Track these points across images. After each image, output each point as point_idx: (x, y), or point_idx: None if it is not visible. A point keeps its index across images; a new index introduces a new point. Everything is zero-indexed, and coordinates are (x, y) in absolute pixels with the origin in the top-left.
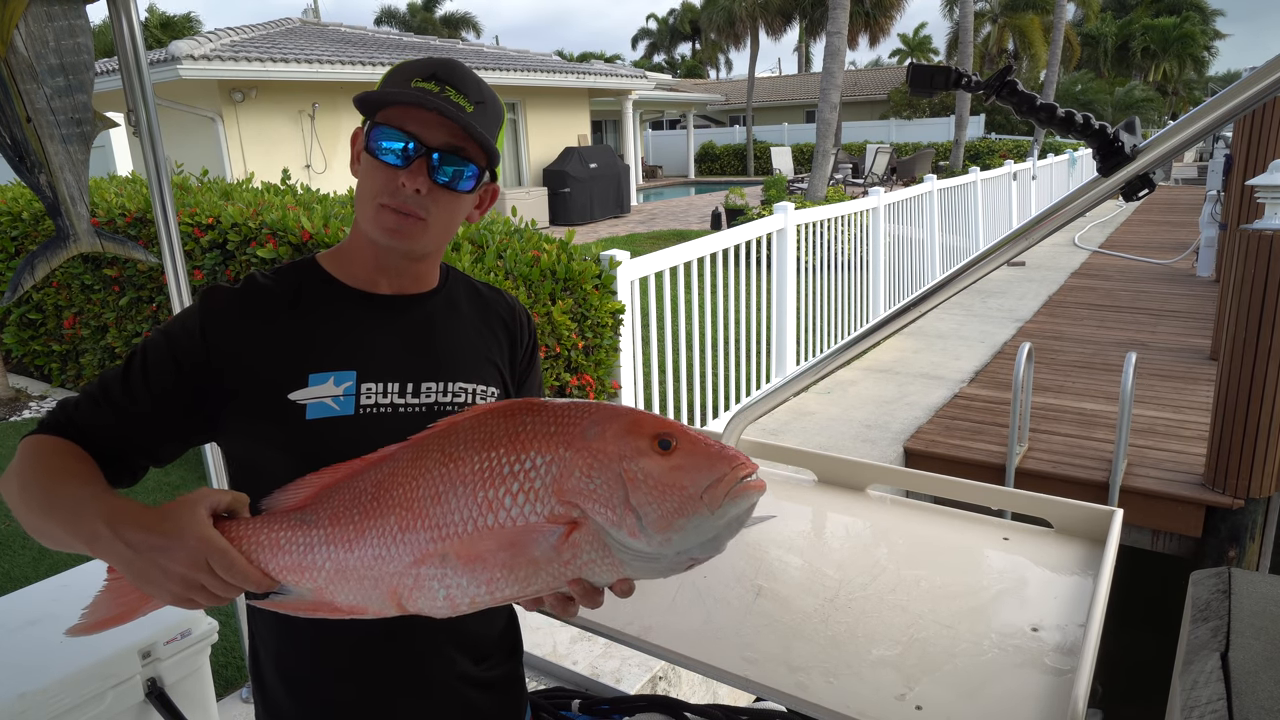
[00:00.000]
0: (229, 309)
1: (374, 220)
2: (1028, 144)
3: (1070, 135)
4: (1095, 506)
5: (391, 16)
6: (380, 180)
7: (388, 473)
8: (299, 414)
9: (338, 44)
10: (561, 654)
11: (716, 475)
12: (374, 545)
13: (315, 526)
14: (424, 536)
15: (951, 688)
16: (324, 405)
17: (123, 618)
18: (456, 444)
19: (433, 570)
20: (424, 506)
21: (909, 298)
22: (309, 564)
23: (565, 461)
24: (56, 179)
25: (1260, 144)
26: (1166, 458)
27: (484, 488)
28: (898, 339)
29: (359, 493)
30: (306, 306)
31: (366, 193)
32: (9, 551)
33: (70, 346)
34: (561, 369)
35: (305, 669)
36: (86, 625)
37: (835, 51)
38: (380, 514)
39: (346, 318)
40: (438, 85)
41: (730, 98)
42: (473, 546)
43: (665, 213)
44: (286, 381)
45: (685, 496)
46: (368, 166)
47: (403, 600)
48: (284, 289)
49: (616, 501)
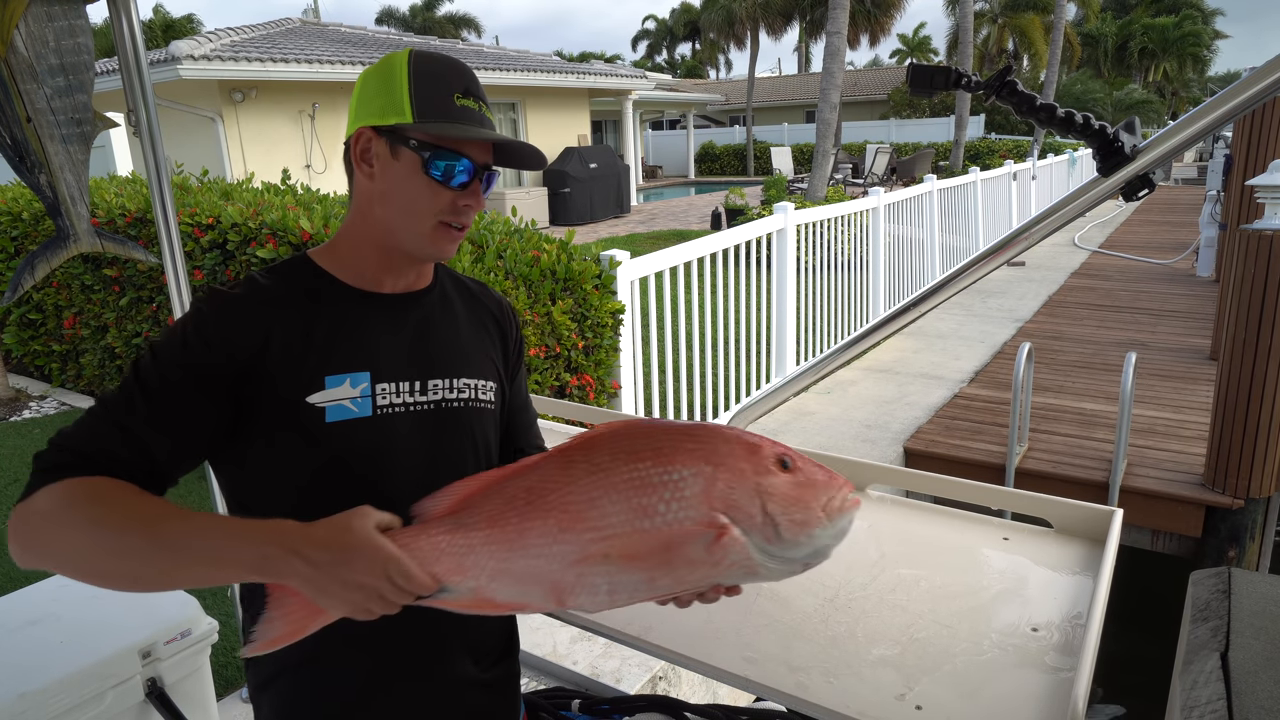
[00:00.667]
0: (238, 314)
1: (430, 238)
2: (1028, 144)
3: (1070, 135)
4: (1095, 506)
5: (391, 16)
6: (444, 201)
7: (537, 479)
8: (319, 417)
9: (338, 44)
10: (561, 654)
11: (832, 492)
12: (536, 546)
13: (473, 530)
14: (585, 538)
15: (951, 688)
16: (343, 408)
17: (296, 633)
18: (602, 455)
19: (595, 568)
20: (582, 510)
21: (909, 298)
22: (470, 565)
23: (709, 475)
24: (56, 179)
25: (1260, 144)
26: (1166, 458)
27: (639, 495)
28: (898, 339)
29: (511, 498)
30: (315, 308)
31: (419, 210)
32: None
33: (70, 346)
34: (561, 369)
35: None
36: (261, 645)
37: (835, 51)
38: (539, 517)
39: (353, 318)
40: (475, 102)
41: (730, 98)
42: (633, 546)
43: (665, 213)
44: (304, 385)
45: (810, 509)
46: (419, 185)
47: (564, 596)
48: (289, 291)
49: (756, 512)
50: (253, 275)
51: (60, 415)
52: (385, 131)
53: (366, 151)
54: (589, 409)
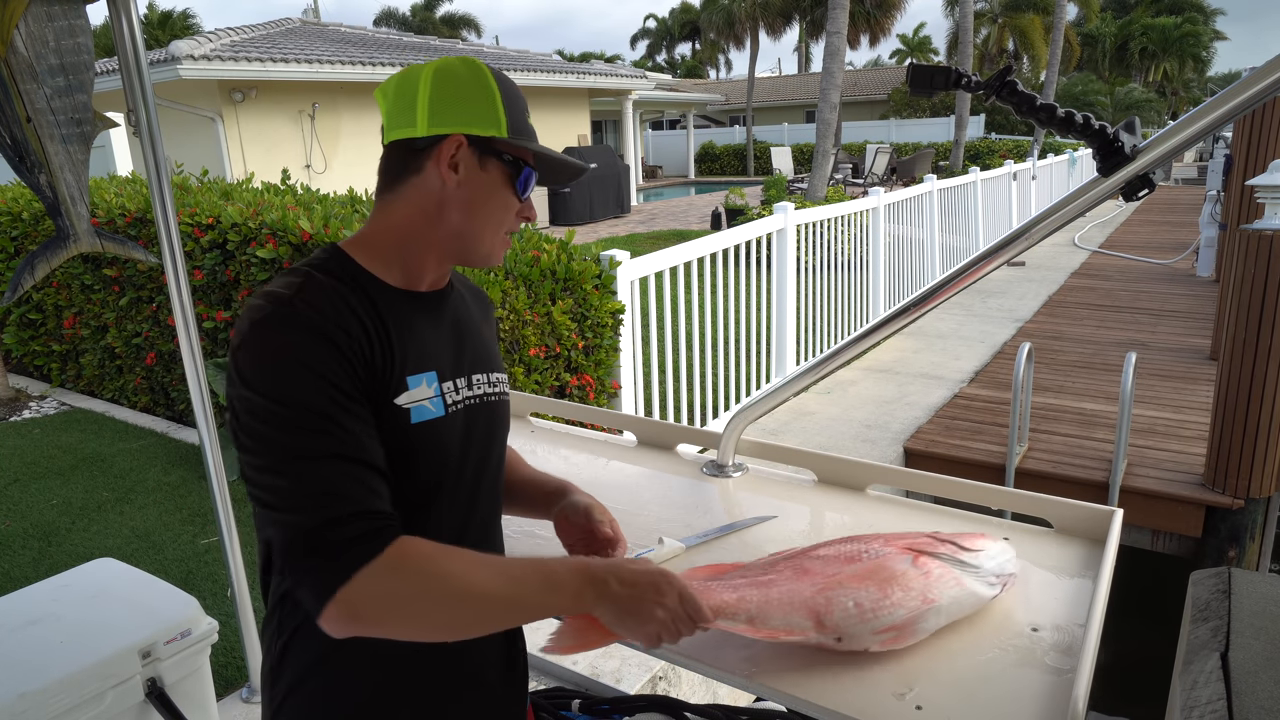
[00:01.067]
0: (338, 315)
1: (501, 245)
2: (1028, 144)
3: (1070, 135)
4: (1095, 506)
5: (391, 16)
6: (515, 214)
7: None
8: (405, 419)
9: (338, 44)
10: None
11: None
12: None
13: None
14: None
15: (951, 688)
16: (423, 408)
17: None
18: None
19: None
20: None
21: (909, 298)
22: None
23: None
24: (56, 179)
25: (1260, 144)
26: (1166, 458)
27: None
28: (898, 339)
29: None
30: (378, 307)
31: (501, 220)
32: (9, 551)
33: (70, 346)
34: (561, 369)
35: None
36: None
37: (835, 51)
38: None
39: (408, 316)
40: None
41: (730, 98)
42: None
43: (665, 213)
44: (392, 387)
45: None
46: (507, 198)
47: (821, 616)
48: (351, 290)
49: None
50: (309, 274)
51: (60, 415)
52: (477, 141)
53: (453, 156)
54: (589, 409)
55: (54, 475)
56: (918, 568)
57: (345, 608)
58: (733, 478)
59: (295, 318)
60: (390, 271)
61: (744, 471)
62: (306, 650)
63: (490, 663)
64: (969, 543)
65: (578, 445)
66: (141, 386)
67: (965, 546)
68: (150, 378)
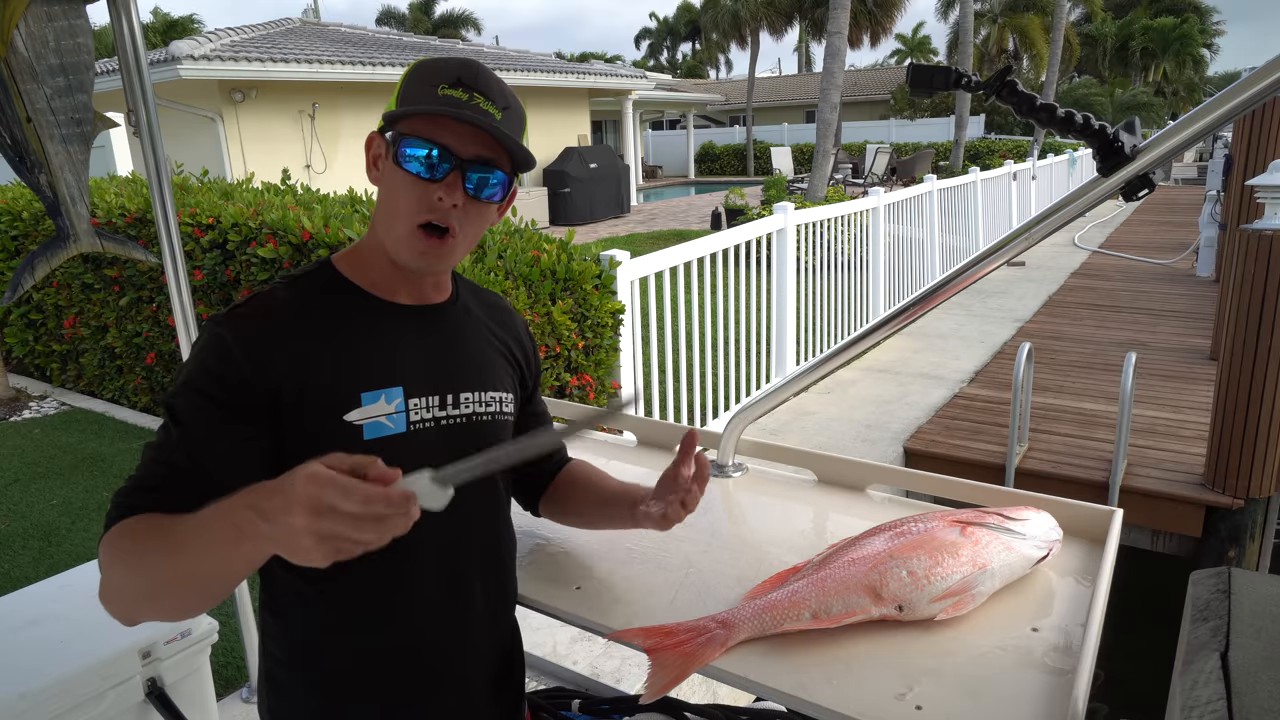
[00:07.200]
0: (264, 333)
1: (405, 242)
2: (1027, 144)
3: (1070, 135)
4: (1095, 506)
5: (391, 16)
6: (414, 196)
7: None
8: (356, 435)
9: (338, 44)
10: (561, 654)
11: None
12: (840, 574)
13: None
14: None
15: (951, 688)
16: (379, 425)
17: (680, 678)
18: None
19: (887, 565)
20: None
21: (909, 298)
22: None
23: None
24: (56, 179)
25: (1260, 144)
26: (1166, 458)
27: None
28: (898, 339)
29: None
30: (342, 321)
31: (397, 210)
32: (9, 551)
33: (70, 346)
34: (561, 369)
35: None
36: (652, 693)
37: (836, 51)
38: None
39: (381, 330)
40: (465, 92)
41: (730, 98)
42: (907, 543)
43: (665, 213)
44: (340, 403)
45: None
46: (397, 181)
47: (878, 589)
48: (314, 303)
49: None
50: (275, 288)
51: (60, 415)
52: (381, 132)
53: (373, 153)
54: (589, 409)
55: (54, 475)
56: (966, 536)
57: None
58: (733, 478)
59: (217, 332)
60: (369, 282)
61: (744, 471)
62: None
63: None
64: (1013, 513)
65: (577, 445)
66: (142, 386)
67: (1010, 516)
68: (150, 378)
